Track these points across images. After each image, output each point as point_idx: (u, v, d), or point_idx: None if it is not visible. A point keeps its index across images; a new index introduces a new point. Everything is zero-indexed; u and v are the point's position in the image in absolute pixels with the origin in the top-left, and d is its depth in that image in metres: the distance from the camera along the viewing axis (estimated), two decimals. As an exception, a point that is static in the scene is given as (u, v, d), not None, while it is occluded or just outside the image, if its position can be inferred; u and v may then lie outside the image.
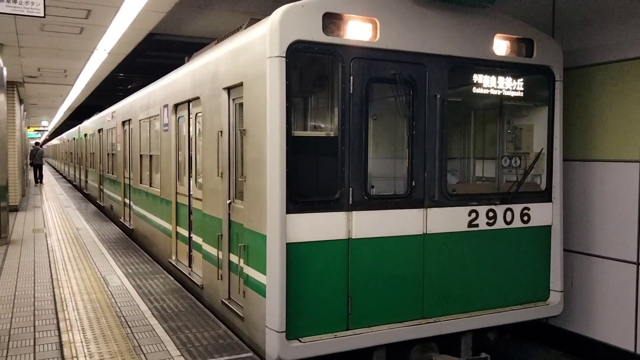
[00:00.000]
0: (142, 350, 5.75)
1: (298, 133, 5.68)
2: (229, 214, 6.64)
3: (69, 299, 7.58)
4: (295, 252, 5.43)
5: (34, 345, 5.97)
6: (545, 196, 6.93)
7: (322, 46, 5.52)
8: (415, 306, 6.08)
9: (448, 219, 6.23)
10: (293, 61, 5.39)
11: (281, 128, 5.33)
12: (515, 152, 7.16)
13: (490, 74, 6.53)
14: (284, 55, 5.33)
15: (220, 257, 6.81)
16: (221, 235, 6.76)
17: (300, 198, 5.47)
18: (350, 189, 5.68)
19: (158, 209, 10.31)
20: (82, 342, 5.97)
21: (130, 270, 9.32)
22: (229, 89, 6.65)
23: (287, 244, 5.37)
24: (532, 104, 7.10)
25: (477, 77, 6.49)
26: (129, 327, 6.47)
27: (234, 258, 6.54)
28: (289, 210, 5.38)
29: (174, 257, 9.28)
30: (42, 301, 7.59)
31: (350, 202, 5.69)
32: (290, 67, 5.37)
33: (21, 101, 21.85)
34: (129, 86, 20.23)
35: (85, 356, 5.59)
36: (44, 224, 15.14)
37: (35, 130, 46.58)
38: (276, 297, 5.31)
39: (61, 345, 5.91)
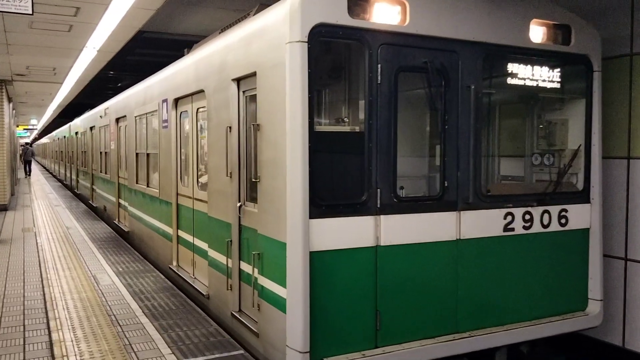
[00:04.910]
0: (132, 349, 5.67)
1: (320, 128, 5.06)
2: (239, 217, 6.04)
3: (59, 298, 7.48)
4: (318, 262, 4.83)
5: (24, 344, 5.89)
6: (582, 197, 6.37)
7: (347, 30, 4.93)
8: (448, 320, 5.50)
9: (483, 223, 5.66)
10: (315, 47, 4.80)
11: (303, 122, 4.73)
12: (548, 149, 6.59)
13: (525, 63, 5.96)
14: (306, 40, 4.73)
15: (230, 265, 6.20)
16: (230, 241, 6.15)
17: (323, 201, 4.88)
18: (378, 190, 5.09)
19: (156, 211, 9.67)
20: (72, 340, 5.90)
21: (120, 269, 9.22)
22: (238, 80, 6.03)
23: (310, 252, 4.77)
24: (568, 96, 6.54)
25: (512, 67, 5.92)
26: (120, 325, 6.38)
27: (245, 267, 5.94)
28: (311, 215, 4.78)
29: (174, 263, 8.63)
30: (31, 300, 7.48)
31: (378, 205, 5.10)
32: (313, 53, 4.77)
33: (10, 99, 21.59)
34: (119, 84, 20.12)
35: (75, 355, 5.51)
36: (33, 223, 14.92)
37: (25, 129, 45.73)
38: (299, 313, 4.71)
39: (51, 344, 5.83)
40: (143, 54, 14.23)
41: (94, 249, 11.07)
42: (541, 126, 6.69)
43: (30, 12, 7.34)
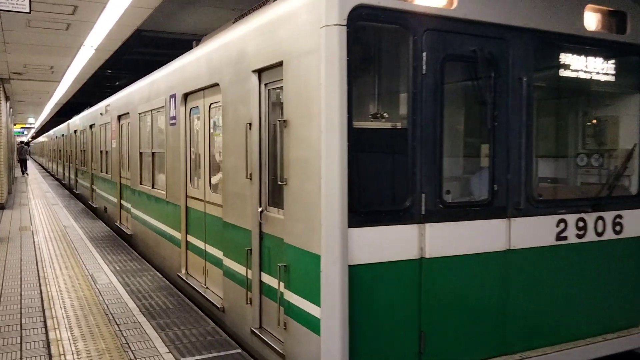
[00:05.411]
0: (130, 348, 5.64)
1: (359, 124, 4.46)
2: (260, 224, 5.44)
3: (56, 297, 7.43)
4: (358, 277, 4.24)
5: (21, 343, 5.85)
6: (637, 201, 5.78)
7: (389, 13, 4.33)
8: (496, 339, 4.91)
9: (534, 231, 5.06)
10: (355, 31, 4.19)
11: (341, 117, 4.14)
12: (597, 148, 6.00)
13: (579, 53, 5.37)
14: (345, 23, 4.13)
15: (249, 276, 5.60)
16: (250, 250, 5.54)
17: (363, 207, 4.28)
18: (423, 195, 4.50)
19: (163, 214, 9.05)
20: (69, 339, 5.86)
21: (118, 268, 9.15)
22: (260, 72, 5.42)
23: (349, 266, 4.17)
24: (620, 90, 5.94)
25: (564, 57, 5.32)
26: (117, 324, 6.35)
27: (267, 279, 5.34)
28: (350, 224, 4.18)
29: (183, 271, 8.01)
30: (29, 299, 7.41)
31: (423, 212, 4.50)
32: (352, 38, 4.17)
33: (7, 98, 21.23)
34: (117, 83, 19.84)
35: (72, 354, 5.47)
36: (30, 221, 14.71)
37: (22, 127, 45.12)
38: (336, 336, 4.11)
39: (48, 343, 5.80)
40: (141, 52, 14.12)
41: (91, 247, 10.94)
42: (589, 124, 6.10)
43: (28, 11, 7.35)
